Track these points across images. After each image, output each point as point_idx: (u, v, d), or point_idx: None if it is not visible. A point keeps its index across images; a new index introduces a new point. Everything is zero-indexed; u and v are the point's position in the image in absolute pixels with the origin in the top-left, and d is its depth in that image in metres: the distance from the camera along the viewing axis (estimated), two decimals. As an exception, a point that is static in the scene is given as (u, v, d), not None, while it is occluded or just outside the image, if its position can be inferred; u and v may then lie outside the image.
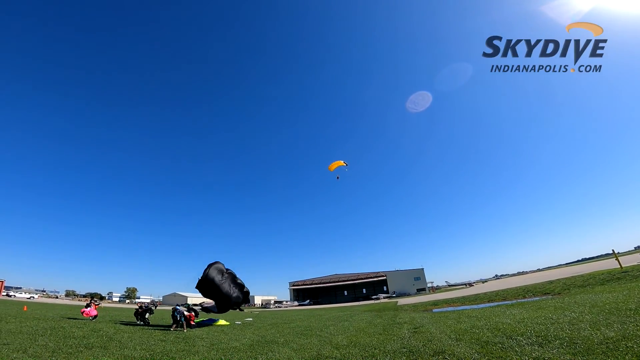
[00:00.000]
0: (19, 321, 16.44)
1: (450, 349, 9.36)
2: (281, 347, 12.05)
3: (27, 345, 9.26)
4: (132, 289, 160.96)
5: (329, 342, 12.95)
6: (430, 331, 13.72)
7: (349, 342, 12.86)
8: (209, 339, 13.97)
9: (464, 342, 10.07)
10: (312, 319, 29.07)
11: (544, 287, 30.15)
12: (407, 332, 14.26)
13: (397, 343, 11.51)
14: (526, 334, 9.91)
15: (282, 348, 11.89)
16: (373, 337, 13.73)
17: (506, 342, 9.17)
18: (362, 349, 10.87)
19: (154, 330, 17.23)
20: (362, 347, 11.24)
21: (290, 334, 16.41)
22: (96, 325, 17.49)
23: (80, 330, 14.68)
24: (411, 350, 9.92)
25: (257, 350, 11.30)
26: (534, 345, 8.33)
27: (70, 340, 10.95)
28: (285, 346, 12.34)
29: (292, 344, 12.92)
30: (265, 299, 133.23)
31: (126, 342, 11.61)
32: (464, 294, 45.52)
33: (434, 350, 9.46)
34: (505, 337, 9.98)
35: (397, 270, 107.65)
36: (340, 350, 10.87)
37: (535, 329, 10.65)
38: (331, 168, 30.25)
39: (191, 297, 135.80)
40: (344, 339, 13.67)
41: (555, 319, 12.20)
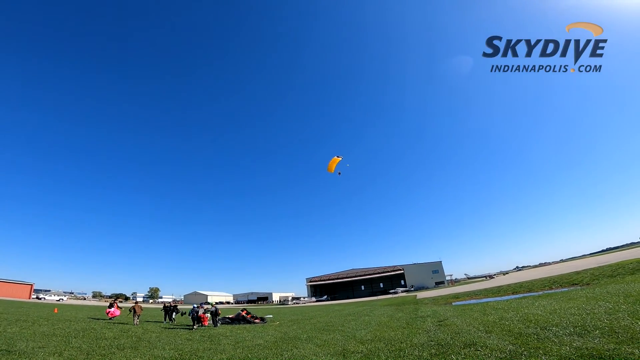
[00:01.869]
0: (51, 323, 17.07)
1: (481, 341, 9.10)
2: (305, 343, 12.03)
3: (62, 347, 9.54)
4: (155, 288, 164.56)
5: (353, 337, 12.87)
6: (456, 324, 13.45)
7: (373, 336, 12.74)
8: (233, 337, 14.12)
9: (494, 334, 9.80)
10: (332, 314, 29.09)
11: (570, 277, 29.19)
12: (432, 325, 14.04)
13: (424, 336, 11.31)
14: (562, 325, 9.55)
15: (306, 344, 11.87)
16: (397, 331, 13.57)
17: (541, 333, 8.86)
18: (387, 343, 10.71)
19: (179, 330, 17.58)
20: (388, 341, 11.09)
21: (312, 330, 16.42)
22: (125, 326, 17.98)
23: (111, 331, 15.11)
24: (439, 343, 9.71)
25: (281, 347, 11.31)
26: (573, 336, 7.99)
27: (102, 342, 11.25)
28: (309, 342, 12.32)
29: (316, 339, 12.89)
30: (283, 296, 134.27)
31: (155, 342, 11.85)
32: (485, 286, 44.62)
33: (463, 342, 9.22)
34: (539, 328, 9.65)
35: (415, 263, 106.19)
36: (366, 345, 10.76)
37: (570, 319, 10.25)
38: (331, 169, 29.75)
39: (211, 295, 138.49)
40: (368, 334, 13.56)
41: (589, 309, 11.74)
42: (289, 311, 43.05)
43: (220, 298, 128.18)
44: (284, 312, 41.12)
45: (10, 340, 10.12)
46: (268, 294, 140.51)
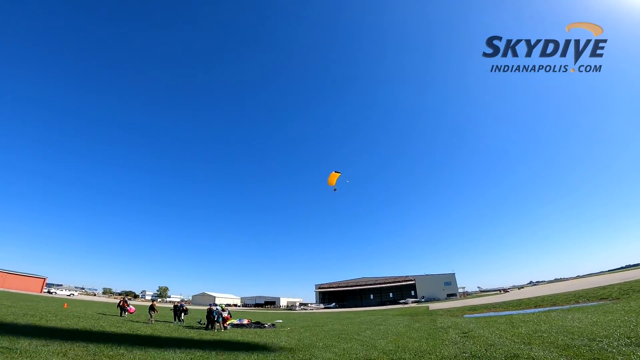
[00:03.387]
0: (59, 319, 16.66)
1: (523, 353, 8.22)
2: (323, 352, 11.24)
3: (67, 346, 9.00)
4: (164, 288, 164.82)
5: (373, 347, 12.02)
6: (484, 335, 12.46)
7: (395, 346, 11.87)
8: (245, 342, 13.42)
9: (536, 346, 8.87)
10: (344, 322, 28.11)
11: (596, 292, 27.60)
12: (457, 337, 13.07)
13: (453, 348, 10.40)
14: (613, 337, 8.62)
15: (324, 352, 11.08)
16: (420, 342, 12.66)
17: (592, 345, 7.96)
18: (414, 354, 9.85)
19: (190, 331, 17.00)
20: (414, 352, 10.22)
21: (327, 338, 15.60)
22: (134, 325, 17.48)
23: (119, 330, 14.60)
24: (474, 355, 8.84)
25: (298, 355, 10.55)
26: (631, 346, 7.11)
27: (110, 341, 10.69)
28: (327, 350, 11.52)
29: (334, 348, 12.08)
30: (291, 301, 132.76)
31: (165, 344, 11.26)
32: (501, 299, 42.71)
33: (503, 354, 8.34)
34: (587, 339, 8.72)
35: (427, 274, 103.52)
36: (389, 355, 9.92)
37: (618, 331, 9.31)
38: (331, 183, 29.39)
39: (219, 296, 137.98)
40: (389, 344, 12.69)
41: (636, 321, 10.67)
42: (298, 317, 42.13)
43: (228, 300, 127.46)
44: (293, 317, 40.20)
45: (13, 337, 9.61)
46: (276, 298, 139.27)
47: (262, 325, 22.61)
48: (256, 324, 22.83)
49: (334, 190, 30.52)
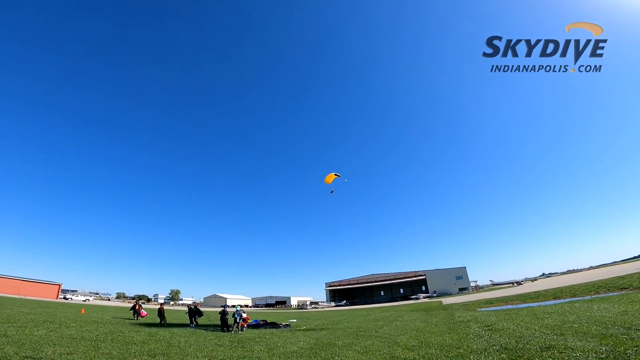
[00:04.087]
0: (79, 325, 16.73)
1: (559, 344, 7.96)
2: (344, 350, 11.05)
3: (91, 354, 8.90)
4: (176, 291, 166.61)
5: (395, 343, 11.80)
6: (509, 328, 12.17)
7: (418, 342, 11.63)
8: (264, 343, 13.28)
9: (570, 337, 8.60)
10: (358, 319, 27.90)
11: (615, 282, 27.06)
12: (481, 330, 12.78)
13: (480, 341, 10.13)
14: (651, 326, 8.25)
15: (346, 351, 10.88)
16: (443, 337, 12.41)
17: (632, 334, 7.69)
18: (440, 349, 9.61)
19: (207, 333, 16.93)
20: (439, 347, 9.99)
21: (345, 336, 15.40)
22: (152, 330, 17.48)
23: (139, 335, 14.57)
24: (505, 347, 8.58)
25: (320, 355, 10.36)
26: None
27: (132, 347, 10.63)
28: (349, 349, 11.32)
29: (355, 346, 11.87)
30: (302, 300, 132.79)
31: (185, 348, 11.16)
32: (516, 292, 42.11)
33: (538, 346, 8.09)
34: (623, 328, 8.43)
35: (437, 269, 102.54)
36: (415, 352, 9.69)
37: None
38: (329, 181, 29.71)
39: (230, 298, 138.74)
40: (411, 340, 12.46)
41: (669, 310, 10.31)
42: (310, 315, 42.00)
43: (239, 301, 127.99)
44: (306, 316, 40.10)
45: (36, 345, 9.56)
46: (286, 298, 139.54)
47: (278, 325, 22.50)
48: (271, 324, 22.73)
49: (331, 193, 31.54)
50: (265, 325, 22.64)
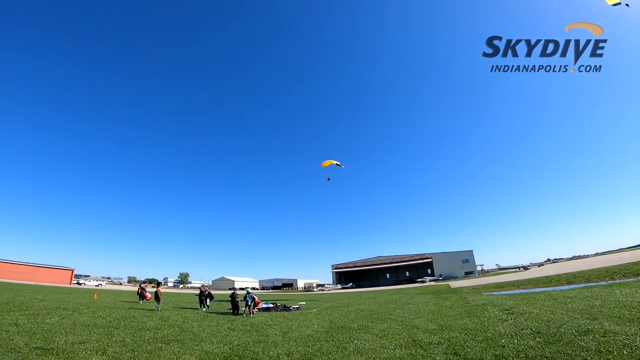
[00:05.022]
0: (92, 311, 16.72)
1: (596, 328, 7.55)
2: (362, 333, 10.76)
3: (105, 342, 8.63)
4: (185, 274, 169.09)
5: (413, 327, 11.48)
6: (532, 312, 11.76)
7: (438, 325, 11.30)
8: (277, 327, 13.06)
9: (605, 321, 8.15)
10: (367, 302, 27.90)
11: (629, 268, 26.51)
12: (502, 314, 12.40)
13: (506, 325, 9.71)
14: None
15: (363, 334, 10.59)
16: (462, 320, 12.05)
17: None
18: (466, 333, 9.22)
19: (219, 317, 16.85)
20: (463, 331, 9.61)
21: (359, 319, 15.19)
22: (164, 314, 17.46)
23: (151, 320, 14.45)
24: (537, 331, 8.19)
25: (337, 338, 10.05)
26: None
27: (145, 333, 10.40)
28: (366, 332, 11.03)
29: (372, 329, 11.58)
30: (308, 282, 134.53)
31: (199, 333, 10.94)
32: (524, 277, 41.80)
33: (574, 330, 7.66)
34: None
35: (444, 252, 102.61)
36: (438, 335, 9.32)
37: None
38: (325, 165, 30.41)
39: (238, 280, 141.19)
40: (428, 323, 12.14)
41: None
42: (318, 298, 42.34)
43: (246, 284, 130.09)
44: (314, 298, 40.39)
45: (48, 334, 9.30)
46: (293, 280, 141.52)
47: (288, 308, 22.52)
48: (283, 307, 22.75)
49: (328, 180, 32.51)
50: (276, 308, 22.66)
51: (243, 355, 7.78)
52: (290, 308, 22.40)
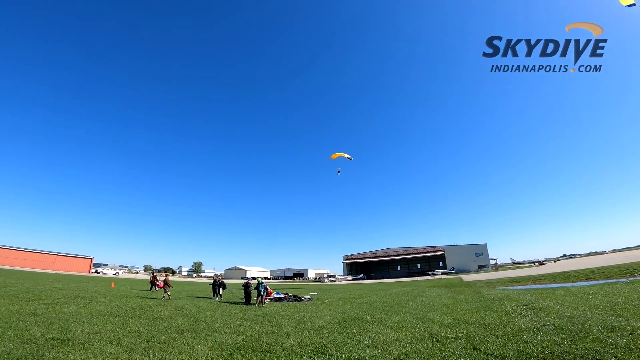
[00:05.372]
0: (109, 300, 17.11)
1: (622, 324, 7.20)
2: (376, 326, 10.60)
3: (120, 332, 8.72)
4: (198, 263, 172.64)
5: (429, 320, 11.26)
6: (553, 307, 11.36)
7: (453, 319, 11.04)
8: (290, 317, 13.03)
9: (631, 317, 7.78)
10: (379, 293, 27.79)
11: (651, 265, 25.55)
12: (520, 309, 12.04)
13: (526, 320, 9.37)
14: None
15: (377, 327, 10.42)
16: (479, 314, 11.76)
17: None
18: (484, 328, 8.95)
19: (231, 306, 17.00)
20: (481, 326, 9.33)
21: (372, 311, 15.06)
22: (178, 303, 17.74)
23: (166, 309, 14.67)
24: (560, 327, 7.85)
25: (350, 330, 9.92)
26: None
27: (160, 323, 10.50)
28: (380, 324, 10.87)
29: (385, 322, 11.41)
30: (319, 273, 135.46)
31: (212, 323, 10.99)
32: (540, 272, 40.84)
33: (600, 326, 7.31)
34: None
35: (457, 245, 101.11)
36: (454, 329, 9.08)
37: None
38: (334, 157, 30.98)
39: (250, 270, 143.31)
40: (444, 317, 11.89)
41: None
42: (329, 289, 42.49)
43: (258, 273, 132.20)
44: (325, 289, 40.57)
45: (65, 324, 9.45)
46: (304, 270, 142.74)
47: (300, 298, 22.58)
48: (294, 297, 22.84)
49: (338, 172, 33.17)
50: (288, 298, 22.76)
51: (256, 346, 7.72)
52: (301, 298, 22.46)
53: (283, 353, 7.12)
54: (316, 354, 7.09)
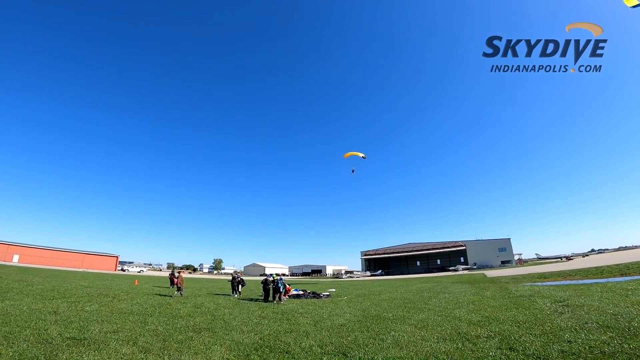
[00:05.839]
0: (131, 297, 17.41)
1: None
2: (398, 324, 10.11)
3: (138, 331, 8.64)
4: (219, 260, 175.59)
5: (455, 318, 10.66)
6: (592, 305, 10.49)
7: (482, 317, 10.40)
8: (309, 315, 12.72)
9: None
10: (399, 290, 27.13)
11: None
12: (555, 306, 11.23)
13: (564, 318, 8.64)
14: None
15: (400, 325, 9.93)
16: (509, 312, 11.05)
17: None
18: (518, 326, 8.31)
19: (250, 304, 16.89)
20: (515, 324, 8.68)
21: (393, 308, 14.54)
22: (197, 300, 17.82)
23: (185, 307, 14.71)
24: (605, 325, 7.18)
25: (372, 329, 9.48)
26: None
27: (178, 321, 10.43)
28: (402, 323, 10.37)
29: (408, 320, 10.89)
30: (337, 269, 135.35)
31: (230, 321, 10.82)
32: (569, 267, 38.82)
33: None
34: None
35: (479, 239, 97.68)
36: (485, 328, 8.47)
37: None
38: (347, 155, 30.85)
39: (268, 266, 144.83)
40: (470, 314, 11.26)
41: None
42: (348, 285, 42.03)
43: (277, 270, 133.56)
44: (343, 285, 40.13)
45: (84, 323, 9.47)
46: (322, 266, 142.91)
47: (319, 295, 22.28)
48: (312, 294, 22.57)
49: (352, 172, 33.01)
50: (306, 295, 22.52)
51: (274, 346, 7.42)
52: (320, 295, 22.17)
53: (302, 353, 6.77)
54: (337, 354, 6.70)
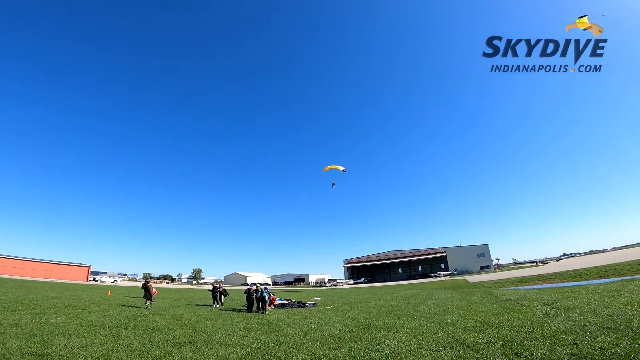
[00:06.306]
0: (102, 309, 16.06)
1: None
2: (392, 333, 9.71)
3: (110, 347, 7.73)
4: (198, 270, 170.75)
5: (448, 324, 10.38)
6: (582, 307, 10.50)
7: (476, 322, 10.18)
8: (296, 326, 12.09)
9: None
10: (385, 297, 26.85)
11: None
12: (547, 309, 11.18)
13: (561, 321, 8.49)
14: None
15: (394, 333, 9.53)
16: (501, 316, 10.89)
17: None
18: (517, 331, 8.07)
19: (233, 315, 16.02)
20: (512, 329, 8.45)
21: (382, 315, 14.16)
22: (177, 312, 16.72)
23: (163, 318, 13.64)
24: (605, 326, 7.07)
25: (365, 339, 9.02)
26: None
27: (155, 334, 9.51)
28: (396, 331, 9.98)
29: (401, 328, 10.52)
30: (320, 277, 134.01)
31: (213, 334, 10.03)
32: (546, 271, 39.94)
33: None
34: None
35: (458, 246, 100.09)
36: (483, 334, 8.20)
37: None
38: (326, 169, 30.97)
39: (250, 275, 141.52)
40: (462, 320, 11.03)
41: None
42: (332, 293, 41.39)
43: (259, 279, 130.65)
44: (328, 294, 39.47)
45: (48, 336, 8.50)
46: (305, 275, 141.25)
47: (304, 304, 21.61)
48: (298, 303, 21.87)
49: (333, 186, 33.27)
50: (292, 304, 21.78)
51: None
52: (306, 304, 21.50)
53: (295, 368, 6.22)
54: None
